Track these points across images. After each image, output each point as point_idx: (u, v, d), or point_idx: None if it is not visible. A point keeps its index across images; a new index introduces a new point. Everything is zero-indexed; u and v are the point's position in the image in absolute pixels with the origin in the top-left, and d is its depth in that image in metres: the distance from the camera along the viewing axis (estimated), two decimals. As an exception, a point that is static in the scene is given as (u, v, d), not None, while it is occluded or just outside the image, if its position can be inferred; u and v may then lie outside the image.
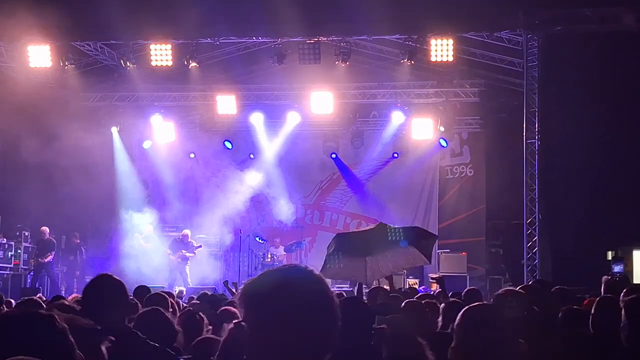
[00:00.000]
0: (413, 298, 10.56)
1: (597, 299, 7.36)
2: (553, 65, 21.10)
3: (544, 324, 6.87)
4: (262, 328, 2.91)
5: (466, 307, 4.34)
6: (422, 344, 5.76)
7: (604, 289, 10.09)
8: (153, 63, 21.98)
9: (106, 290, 5.90)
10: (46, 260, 23.91)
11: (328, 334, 2.99)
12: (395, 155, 27.28)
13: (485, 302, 5.94)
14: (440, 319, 8.05)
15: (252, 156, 27.87)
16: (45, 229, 24.19)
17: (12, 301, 12.05)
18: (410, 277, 24.52)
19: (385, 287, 12.72)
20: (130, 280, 16.46)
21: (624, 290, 8.54)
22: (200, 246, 25.35)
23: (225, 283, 16.54)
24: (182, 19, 20.41)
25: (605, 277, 10.34)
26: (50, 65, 22.29)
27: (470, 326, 4.16)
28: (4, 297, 10.31)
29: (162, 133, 27.24)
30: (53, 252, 24.19)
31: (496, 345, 4.02)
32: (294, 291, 2.95)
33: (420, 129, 26.00)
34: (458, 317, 4.24)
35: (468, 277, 23.90)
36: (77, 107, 25.24)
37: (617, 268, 19.51)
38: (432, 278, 17.66)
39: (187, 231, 25.57)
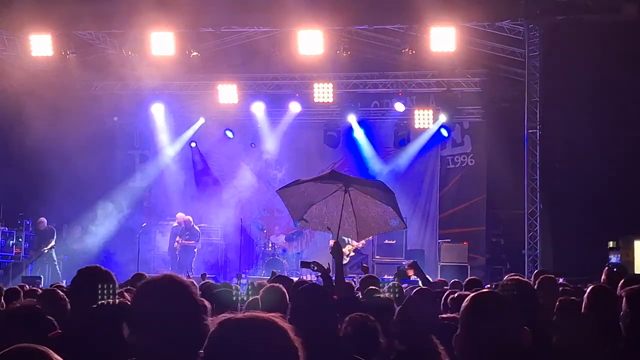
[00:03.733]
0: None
1: (590, 287, 7.39)
2: (554, 55, 21.09)
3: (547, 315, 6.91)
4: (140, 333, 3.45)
5: (472, 295, 4.34)
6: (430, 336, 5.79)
7: (604, 280, 10.12)
8: (154, 52, 21.95)
9: (94, 282, 5.60)
10: (47, 249, 23.96)
11: (192, 335, 3.46)
12: (397, 144, 27.28)
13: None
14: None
15: (253, 145, 27.88)
16: (43, 219, 24.21)
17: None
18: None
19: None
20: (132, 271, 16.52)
21: (623, 280, 8.57)
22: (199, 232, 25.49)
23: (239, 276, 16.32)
24: (184, 8, 20.40)
25: (607, 269, 10.36)
26: (52, 55, 22.28)
27: (476, 313, 4.16)
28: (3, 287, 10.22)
29: (164, 122, 27.26)
30: (53, 240, 24.23)
31: (502, 333, 4.02)
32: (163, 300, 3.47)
33: (421, 118, 26.03)
34: (464, 305, 4.23)
35: (469, 266, 23.91)
36: (78, 96, 25.27)
37: (614, 259, 19.54)
38: (408, 265, 17.33)
39: (180, 215, 25.53)
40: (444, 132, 26.45)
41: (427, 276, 12.82)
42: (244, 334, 2.85)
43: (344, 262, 23.06)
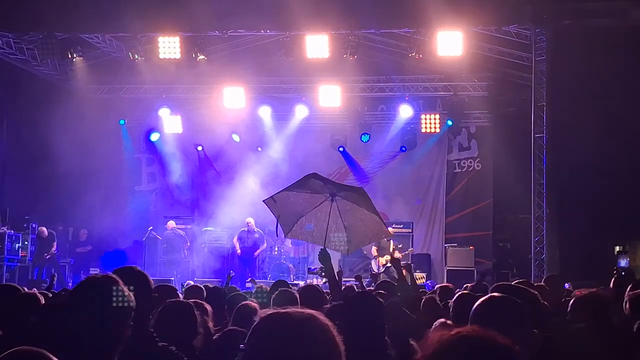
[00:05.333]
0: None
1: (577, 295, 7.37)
2: (561, 59, 21.04)
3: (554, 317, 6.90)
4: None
5: (482, 299, 4.35)
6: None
7: (613, 284, 10.10)
8: (161, 56, 21.95)
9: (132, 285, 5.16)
10: (49, 255, 23.97)
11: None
12: (403, 148, 27.26)
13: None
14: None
15: (259, 149, 27.86)
16: (43, 228, 24.13)
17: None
18: (417, 271, 24.52)
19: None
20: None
21: (630, 285, 8.54)
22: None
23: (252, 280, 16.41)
24: (191, 11, 20.40)
25: (615, 276, 10.31)
26: (58, 58, 22.31)
27: (485, 317, 4.17)
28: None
29: (170, 126, 27.28)
30: (55, 243, 24.23)
31: (511, 336, 4.03)
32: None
33: (428, 122, 26.01)
34: (474, 308, 4.24)
35: (475, 271, 23.88)
36: (84, 99, 25.25)
37: (622, 263, 19.47)
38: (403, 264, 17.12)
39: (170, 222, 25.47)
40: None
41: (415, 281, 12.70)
42: (286, 328, 2.86)
43: (381, 271, 23.12)
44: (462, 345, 2.69)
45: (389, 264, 23.03)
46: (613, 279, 10.26)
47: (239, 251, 25.18)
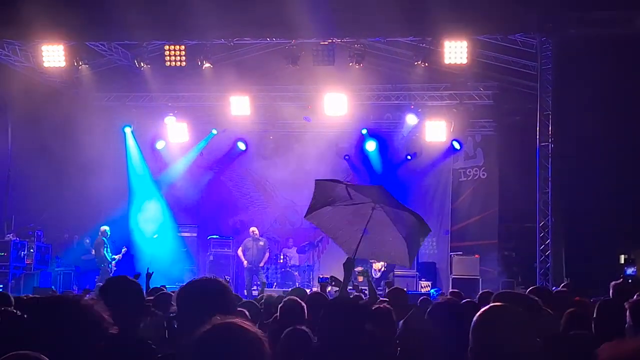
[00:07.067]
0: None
1: (599, 302, 7.36)
2: (567, 68, 21.00)
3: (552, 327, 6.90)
4: None
5: (484, 309, 4.35)
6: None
7: (612, 294, 10.04)
8: (167, 63, 21.98)
9: (123, 293, 5.64)
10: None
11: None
12: (409, 157, 27.27)
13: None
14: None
15: (265, 157, 27.88)
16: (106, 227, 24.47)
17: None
18: (422, 279, 24.50)
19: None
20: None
21: (637, 294, 8.52)
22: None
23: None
24: (196, 20, 20.41)
25: (614, 282, 10.22)
26: (64, 65, 22.33)
27: (488, 327, 4.17)
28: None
29: (176, 133, 27.28)
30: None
31: (513, 344, 4.04)
32: None
33: (433, 131, 25.97)
34: (475, 318, 4.24)
35: (480, 279, 23.86)
36: (90, 107, 25.33)
37: (629, 271, 19.47)
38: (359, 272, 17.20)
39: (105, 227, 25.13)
40: (456, 145, 26.41)
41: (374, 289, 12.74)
42: (218, 340, 3.33)
43: (376, 276, 23.14)
44: None
45: (384, 268, 23.08)
46: (612, 289, 10.15)
47: (245, 263, 25.21)
